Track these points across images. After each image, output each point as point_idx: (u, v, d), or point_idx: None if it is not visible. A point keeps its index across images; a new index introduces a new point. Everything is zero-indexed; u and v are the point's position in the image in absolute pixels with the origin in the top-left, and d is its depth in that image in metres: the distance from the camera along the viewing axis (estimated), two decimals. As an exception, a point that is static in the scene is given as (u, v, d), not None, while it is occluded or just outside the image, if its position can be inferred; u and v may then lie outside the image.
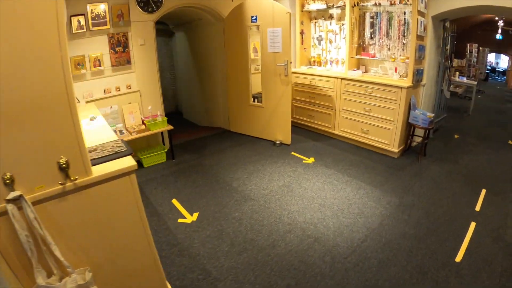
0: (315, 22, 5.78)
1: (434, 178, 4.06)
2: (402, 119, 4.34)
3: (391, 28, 4.73)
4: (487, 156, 4.97)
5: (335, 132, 5.25)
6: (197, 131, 5.95)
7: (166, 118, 4.48)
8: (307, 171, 4.20)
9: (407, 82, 4.34)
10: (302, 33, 5.78)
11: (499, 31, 13.69)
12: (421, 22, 4.24)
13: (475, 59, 11.55)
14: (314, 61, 5.92)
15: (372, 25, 4.97)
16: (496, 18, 11.25)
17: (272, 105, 5.02)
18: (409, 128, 4.62)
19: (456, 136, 5.84)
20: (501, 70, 21.19)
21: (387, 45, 4.87)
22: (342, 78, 4.91)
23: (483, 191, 3.77)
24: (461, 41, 14.81)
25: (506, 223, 3.17)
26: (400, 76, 4.64)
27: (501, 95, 12.77)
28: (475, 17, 14.67)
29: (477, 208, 3.43)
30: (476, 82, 8.43)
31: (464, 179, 4.06)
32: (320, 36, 5.76)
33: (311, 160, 4.54)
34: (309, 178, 4.03)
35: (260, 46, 4.97)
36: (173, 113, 7.13)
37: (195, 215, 3.33)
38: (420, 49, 4.36)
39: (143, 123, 4.38)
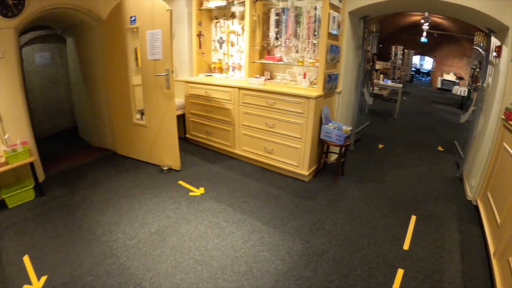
0: (216, 23, 4.92)
1: (352, 207, 3.33)
2: (312, 135, 3.59)
3: (300, 27, 4.02)
4: (416, 168, 4.44)
5: (236, 151, 4.38)
6: (85, 154, 4.74)
7: (27, 147, 3.31)
8: (191, 208, 3.26)
9: (317, 91, 3.62)
10: (200, 35, 4.87)
11: (424, 34, 14.17)
12: (334, 17, 3.53)
13: (400, 61, 11.64)
14: (215, 68, 5.05)
15: (278, 24, 4.21)
16: (422, 21, 11.49)
17: (157, 123, 4.00)
18: (322, 145, 3.91)
19: (380, 146, 5.33)
20: (426, 71, 22.47)
21: (295, 47, 4.13)
22: (239, 88, 4.05)
23: (413, 219, 3.12)
24: (387, 44, 15.20)
25: (443, 264, 2.49)
26: (310, 83, 3.92)
27: (427, 95, 13.16)
28: (401, 20, 15.13)
29: (405, 246, 2.73)
30: (401, 85, 8.26)
31: (389, 204, 3.40)
32: (221, 38, 4.90)
33: (200, 191, 3.60)
34: (191, 219, 3.08)
35: (140, 52, 3.96)
36: (71, 130, 5.87)
37: (43, 280, 2.26)
38: (333, 50, 3.67)
39: (4, 155, 3.18)
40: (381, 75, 9.18)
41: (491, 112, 3.36)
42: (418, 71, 22.36)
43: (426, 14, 10.84)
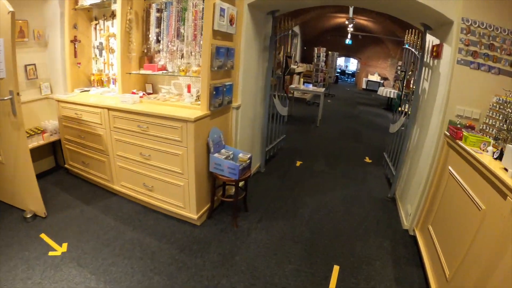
0: (96, 24, 3.76)
1: (255, 262, 2.48)
2: (196, 169, 2.68)
3: (184, 25, 3.07)
4: (340, 191, 3.80)
5: (115, 187, 3.30)
6: None
7: None
8: (45, 279, 2.13)
9: (200, 109, 2.73)
10: (75, 41, 3.66)
11: (349, 36, 14.28)
12: (223, 10, 2.65)
13: (323, 64, 11.41)
14: (94, 80, 3.89)
15: (160, 23, 3.24)
16: (346, 22, 11.41)
17: (12, 159, 2.78)
18: (213, 179, 2.99)
19: (298, 164, 4.62)
20: (351, 72, 23.29)
21: (180, 51, 3.19)
22: (109, 109, 3.00)
23: (335, 271, 2.40)
24: (312, 46, 15.11)
25: None
26: (197, 98, 3.01)
27: (352, 97, 13.24)
28: (325, 23, 15.12)
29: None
30: (323, 89, 7.80)
31: (304, 252, 2.62)
32: (101, 44, 3.77)
33: (62, 249, 2.47)
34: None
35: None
36: None
37: None
38: (221, 54, 2.77)
39: None
40: (301, 79, 8.69)
41: (429, 124, 2.82)
42: (343, 72, 23.06)
43: (351, 14, 10.76)
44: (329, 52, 12.56)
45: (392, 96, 10.38)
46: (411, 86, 3.56)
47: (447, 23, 2.59)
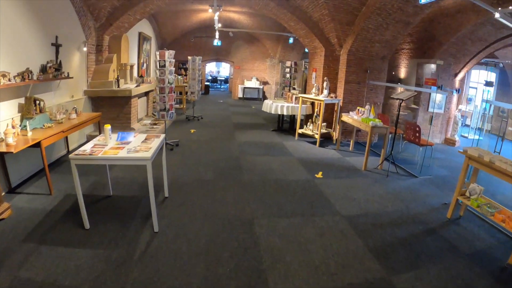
0: None
1: None
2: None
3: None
4: None
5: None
6: None
7: None
8: None
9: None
10: None
11: (217, 34, 10.80)
12: None
13: (174, 77, 7.49)
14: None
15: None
16: (210, 11, 7.78)
17: None
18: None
19: None
20: (224, 78, 20.30)
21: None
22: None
23: None
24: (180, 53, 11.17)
25: None
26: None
27: (226, 115, 9.42)
28: (187, 20, 11.31)
29: None
30: (162, 137, 3.90)
31: None
32: None
33: None
34: None
35: None
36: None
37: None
38: None
39: None
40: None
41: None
42: (215, 79, 19.82)
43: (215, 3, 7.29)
44: (189, 58, 8.83)
45: (286, 113, 7.26)
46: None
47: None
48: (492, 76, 13.44)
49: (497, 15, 4.40)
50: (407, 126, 5.81)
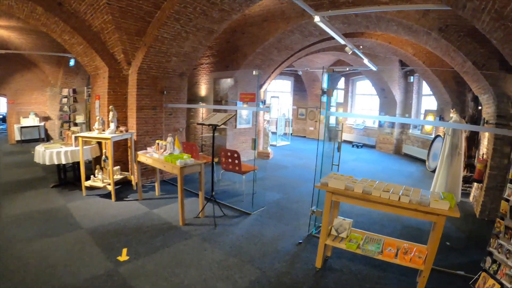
0: None
1: None
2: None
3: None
4: None
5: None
6: None
7: None
8: None
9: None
10: None
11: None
12: None
13: None
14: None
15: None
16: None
17: None
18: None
19: None
20: (2, 116, 15.23)
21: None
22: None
23: None
24: None
25: None
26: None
27: None
28: None
29: None
30: None
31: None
32: None
33: None
34: None
35: None
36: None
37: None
38: None
39: None
40: None
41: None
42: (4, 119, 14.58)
43: None
44: None
45: (66, 161, 5.06)
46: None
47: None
48: (287, 84, 15.17)
49: (317, 18, 4.05)
50: (222, 154, 4.87)
